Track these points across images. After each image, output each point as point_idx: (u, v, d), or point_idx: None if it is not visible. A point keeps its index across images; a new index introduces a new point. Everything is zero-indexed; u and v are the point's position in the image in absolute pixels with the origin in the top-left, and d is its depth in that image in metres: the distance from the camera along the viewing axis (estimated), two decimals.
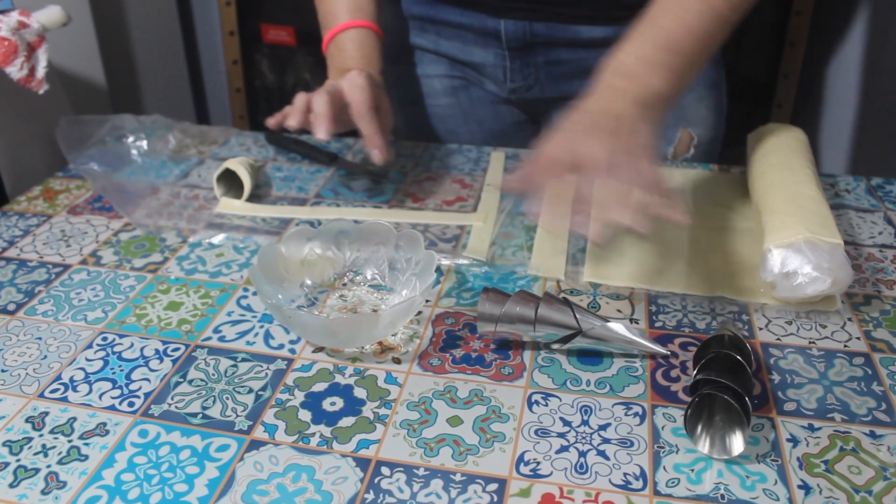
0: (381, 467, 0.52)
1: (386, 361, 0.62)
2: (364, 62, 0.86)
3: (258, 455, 0.53)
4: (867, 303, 0.68)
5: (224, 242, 0.79)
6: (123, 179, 0.91)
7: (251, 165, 0.88)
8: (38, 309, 0.69)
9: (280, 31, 2.04)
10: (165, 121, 1.00)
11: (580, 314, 0.61)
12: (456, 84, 1.01)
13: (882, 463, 0.52)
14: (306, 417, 0.57)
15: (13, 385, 0.60)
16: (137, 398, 0.59)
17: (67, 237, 0.80)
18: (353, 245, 0.72)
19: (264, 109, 2.19)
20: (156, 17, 1.94)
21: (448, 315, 0.68)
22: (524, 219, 0.82)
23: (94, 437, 0.55)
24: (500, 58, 0.96)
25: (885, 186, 0.88)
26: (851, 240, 0.78)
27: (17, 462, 0.53)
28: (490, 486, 0.51)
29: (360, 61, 0.86)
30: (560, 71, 0.96)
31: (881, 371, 0.60)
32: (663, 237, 0.77)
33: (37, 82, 0.96)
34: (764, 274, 0.66)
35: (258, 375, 0.61)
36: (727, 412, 0.54)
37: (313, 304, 0.69)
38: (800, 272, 0.64)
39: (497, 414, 0.57)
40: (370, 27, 0.89)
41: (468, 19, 0.94)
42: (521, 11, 0.91)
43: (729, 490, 0.50)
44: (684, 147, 0.97)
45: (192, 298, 0.70)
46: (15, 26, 0.93)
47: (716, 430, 0.53)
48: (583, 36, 0.92)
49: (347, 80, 0.81)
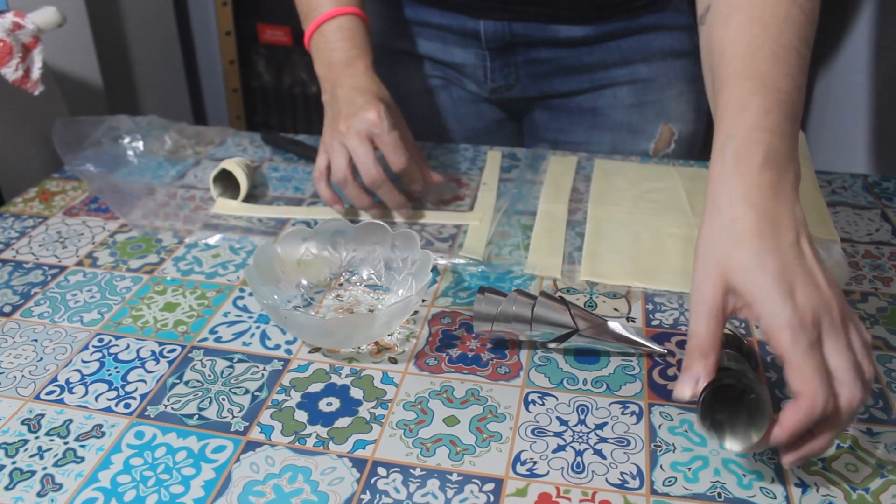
0: (378, 468, 0.52)
1: (382, 361, 0.62)
2: (354, 53, 0.81)
3: (254, 456, 0.53)
4: (864, 300, 0.68)
5: (220, 243, 0.79)
6: (120, 180, 0.90)
7: (247, 166, 0.88)
8: (34, 311, 0.69)
9: (276, 31, 2.04)
10: (162, 121, 1.00)
11: (577, 313, 0.60)
12: (436, 84, 1.02)
13: (879, 460, 0.52)
14: (303, 418, 0.56)
15: (9, 387, 0.60)
16: (133, 400, 0.58)
17: (63, 239, 0.80)
18: (350, 245, 0.72)
19: (261, 109, 2.19)
20: (152, 18, 1.94)
21: (444, 314, 0.68)
22: (520, 217, 0.82)
23: (90, 438, 0.55)
24: (481, 58, 0.96)
25: (881, 183, 0.88)
26: (848, 237, 0.78)
27: (12, 464, 0.53)
28: (487, 486, 0.51)
29: (349, 52, 0.81)
30: (540, 70, 0.96)
31: (878, 369, 0.60)
32: (659, 235, 0.77)
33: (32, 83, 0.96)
34: None
35: (254, 376, 0.61)
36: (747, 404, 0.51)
37: (309, 305, 0.69)
38: None
39: (493, 413, 0.57)
40: (356, 13, 0.83)
41: (448, 20, 0.94)
42: (501, 12, 0.91)
43: (726, 488, 0.50)
44: (665, 142, 0.98)
45: (188, 299, 0.70)
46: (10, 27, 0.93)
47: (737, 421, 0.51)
48: (562, 35, 0.92)
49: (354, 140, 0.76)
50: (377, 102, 0.76)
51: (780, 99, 0.52)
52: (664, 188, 0.86)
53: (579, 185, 0.88)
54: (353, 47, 0.81)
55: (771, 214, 0.49)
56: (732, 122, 0.52)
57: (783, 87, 0.52)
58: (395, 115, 0.79)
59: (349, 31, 0.82)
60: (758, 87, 0.52)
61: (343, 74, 0.80)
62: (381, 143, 0.76)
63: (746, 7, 0.56)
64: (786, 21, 0.55)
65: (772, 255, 0.48)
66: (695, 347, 0.49)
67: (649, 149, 0.98)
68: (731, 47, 0.55)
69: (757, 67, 0.53)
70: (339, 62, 0.81)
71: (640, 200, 0.84)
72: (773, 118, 0.51)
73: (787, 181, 0.50)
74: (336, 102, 0.79)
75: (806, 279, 0.48)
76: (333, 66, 0.81)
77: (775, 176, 0.50)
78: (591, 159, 0.94)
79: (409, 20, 0.97)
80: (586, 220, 0.81)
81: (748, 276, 0.47)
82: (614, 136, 0.99)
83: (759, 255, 0.48)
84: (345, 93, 0.79)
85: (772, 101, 0.52)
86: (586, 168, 0.92)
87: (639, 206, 0.83)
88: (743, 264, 0.48)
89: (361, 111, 0.76)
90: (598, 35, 0.92)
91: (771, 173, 0.50)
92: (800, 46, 0.55)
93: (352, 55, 0.81)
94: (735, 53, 0.55)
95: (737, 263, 0.48)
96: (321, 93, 0.83)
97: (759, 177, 0.49)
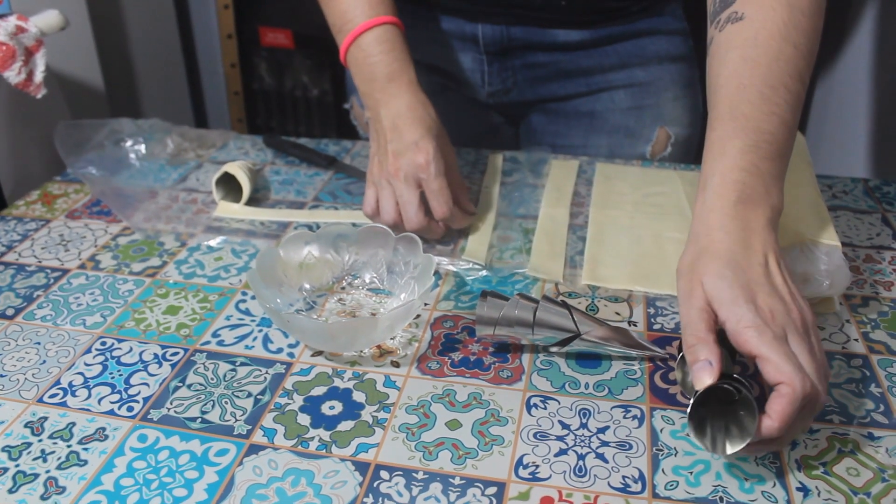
0: (380, 471, 0.52)
1: (385, 365, 0.62)
2: (396, 67, 0.78)
3: (257, 459, 0.53)
4: (865, 304, 0.68)
5: (222, 245, 0.79)
6: (122, 183, 0.91)
7: (249, 169, 0.88)
8: (37, 314, 0.69)
9: (278, 34, 2.04)
10: (164, 124, 1.00)
11: (578, 317, 0.61)
12: (434, 87, 1.01)
13: (880, 465, 0.52)
14: (305, 421, 0.57)
15: (12, 390, 0.60)
16: (136, 403, 0.59)
17: (66, 241, 0.80)
18: (352, 248, 0.72)
19: (262, 113, 2.19)
20: (154, 21, 1.95)
21: (447, 318, 0.68)
22: (522, 221, 0.82)
23: (93, 441, 0.55)
24: (478, 62, 0.96)
25: (882, 188, 0.88)
26: (849, 241, 0.78)
27: (16, 467, 0.53)
28: (489, 490, 0.51)
29: (391, 66, 0.77)
30: (537, 74, 0.96)
31: (879, 373, 0.61)
32: (660, 239, 0.77)
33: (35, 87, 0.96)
34: None
35: (257, 379, 0.61)
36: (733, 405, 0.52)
37: (312, 308, 0.69)
38: (798, 274, 0.64)
39: (496, 417, 0.57)
40: (393, 22, 0.79)
41: (446, 24, 0.94)
42: (498, 16, 0.91)
43: (727, 492, 0.50)
44: (662, 146, 0.98)
45: (190, 302, 0.70)
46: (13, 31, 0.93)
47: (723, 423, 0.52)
48: (560, 40, 0.92)
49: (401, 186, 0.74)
50: (426, 142, 0.74)
51: (760, 139, 0.57)
52: (666, 192, 0.86)
53: (581, 189, 0.88)
54: (394, 60, 0.78)
55: (742, 240, 0.54)
56: (713, 163, 0.58)
57: (765, 128, 0.57)
58: (443, 147, 0.76)
59: (389, 43, 0.78)
60: (739, 129, 0.58)
61: (386, 92, 0.77)
62: (428, 190, 0.74)
63: (741, 46, 0.61)
64: (776, 60, 0.59)
65: (739, 268, 0.53)
66: (691, 336, 0.52)
67: (646, 152, 0.98)
68: (722, 87, 0.60)
69: (741, 109, 0.58)
70: (381, 77, 0.78)
71: (641, 204, 0.84)
72: (749, 158, 0.56)
73: (760, 216, 0.55)
74: (381, 128, 0.77)
75: (770, 290, 0.53)
76: (376, 82, 0.78)
77: (749, 211, 0.55)
78: (592, 163, 0.94)
79: (406, 24, 0.97)
80: (588, 223, 0.81)
81: (717, 283, 0.53)
82: (611, 140, 0.99)
83: (726, 266, 0.53)
84: (391, 117, 0.76)
85: (750, 142, 0.57)
86: (587, 172, 0.92)
87: (640, 210, 0.83)
88: (712, 274, 0.53)
89: (411, 153, 0.74)
90: (594, 39, 0.92)
91: (744, 209, 0.55)
92: (790, 83, 0.59)
93: (394, 69, 0.78)
94: (724, 95, 0.60)
95: (708, 276, 0.53)
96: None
97: (733, 211, 0.55)
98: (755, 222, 0.55)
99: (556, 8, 0.89)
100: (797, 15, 0.60)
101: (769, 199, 0.56)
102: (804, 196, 0.72)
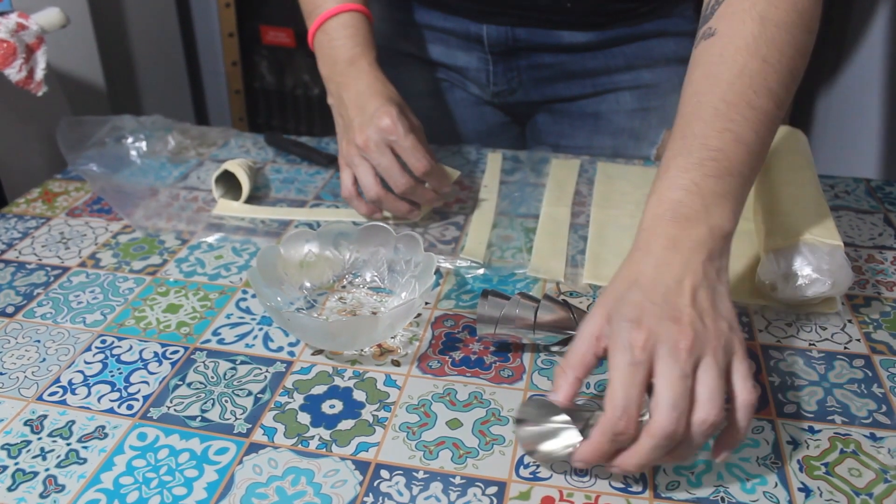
0: (381, 470, 0.52)
1: (385, 364, 0.62)
2: (357, 50, 0.80)
3: (257, 458, 0.53)
4: (867, 304, 0.68)
5: (222, 243, 0.79)
6: (123, 181, 0.90)
7: (250, 167, 0.88)
8: (37, 311, 0.69)
9: (279, 32, 2.04)
10: (165, 122, 1.00)
11: (580, 316, 0.60)
12: (439, 86, 1.02)
13: (882, 465, 0.52)
14: (305, 420, 0.56)
15: (11, 388, 0.60)
16: (136, 401, 0.58)
17: (66, 239, 0.80)
18: (353, 247, 0.72)
19: (263, 111, 2.19)
20: (155, 19, 1.95)
21: (447, 317, 0.68)
22: (523, 220, 0.82)
23: (92, 440, 0.55)
24: (483, 62, 0.96)
25: (884, 188, 0.88)
26: (851, 241, 0.78)
27: (15, 465, 0.53)
28: (490, 489, 0.51)
29: (352, 49, 0.79)
30: (543, 75, 0.96)
31: (881, 373, 0.60)
32: None
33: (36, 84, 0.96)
34: (764, 276, 0.66)
35: (257, 378, 0.61)
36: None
37: (312, 307, 0.69)
38: (800, 274, 0.64)
39: (497, 416, 0.57)
40: (360, 10, 0.82)
41: (451, 24, 0.94)
42: (504, 17, 0.91)
43: (729, 493, 0.50)
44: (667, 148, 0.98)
45: (190, 301, 0.70)
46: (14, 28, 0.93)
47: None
48: (565, 41, 0.92)
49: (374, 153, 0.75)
50: (388, 107, 0.75)
51: (705, 156, 0.54)
52: None
53: (582, 188, 0.88)
54: (356, 44, 0.80)
55: (661, 261, 0.52)
56: (655, 181, 0.56)
57: (714, 144, 0.54)
58: (407, 115, 0.78)
59: (353, 28, 0.80)
60: (684, 147, 0.56)
61: (347, 75, 0.79)
62: (401, 150, 0.75)
63: (706, 63, 0.59)
64: (739, 76, 0.56)
65: (640, 290, 0.50)
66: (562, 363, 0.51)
67: (651, 154, 0.98)
68: (682, 106, 0.58)
69: (692, 127, 0.56)
70: (342, 60, 0.80)
71: (642, 204, 0.83)
72: (689, 177, 0.54)
73: (691, 236, 0.52)
74: (344, 108, 0.78)
75: (665, 313, 0.49)
76: (337, 65, 0.80)
77: (678, 231, 0.52)
78: (593, 162, 0.94)
79: (412, 23, 0.97)
80: (589, 223, 0.81)
81: (615, 306, 0.50)
82: (617, 141, 0.99)
83: (629, 289, 0.51)
84: (352, 97, 0.78)
85: (694, 160, 0.54)
86: (589, 171, 0.92)
87: (642, 209, 0.82)
88: (615, 297, 0.51)
89: (374, 119, 0.75)
90: (601, 41, 0.92)
91: (674, 229, 0.53)
92: (754, 99, 0.56)
93: (355, 53, 0.79)
94: (681, 114, 0.58)
95: (611, 297, 0.51)
96: (326, 94, 0.83)
97: (663, 230, 0.53)
98: (684, 242, 0.52)
99: (561, 9, 0.89)
100: (770, 29, 0.57)
101: (708, 218, 0.53)
102: (806, 196, 0.72)
